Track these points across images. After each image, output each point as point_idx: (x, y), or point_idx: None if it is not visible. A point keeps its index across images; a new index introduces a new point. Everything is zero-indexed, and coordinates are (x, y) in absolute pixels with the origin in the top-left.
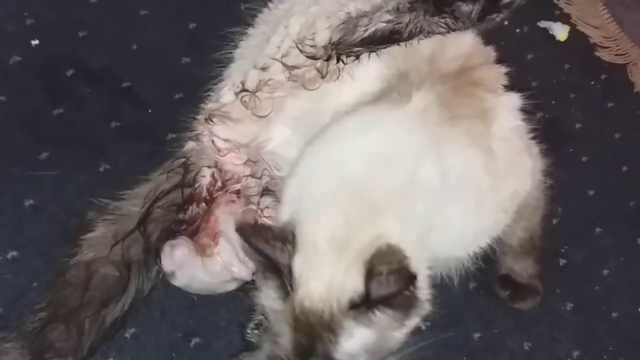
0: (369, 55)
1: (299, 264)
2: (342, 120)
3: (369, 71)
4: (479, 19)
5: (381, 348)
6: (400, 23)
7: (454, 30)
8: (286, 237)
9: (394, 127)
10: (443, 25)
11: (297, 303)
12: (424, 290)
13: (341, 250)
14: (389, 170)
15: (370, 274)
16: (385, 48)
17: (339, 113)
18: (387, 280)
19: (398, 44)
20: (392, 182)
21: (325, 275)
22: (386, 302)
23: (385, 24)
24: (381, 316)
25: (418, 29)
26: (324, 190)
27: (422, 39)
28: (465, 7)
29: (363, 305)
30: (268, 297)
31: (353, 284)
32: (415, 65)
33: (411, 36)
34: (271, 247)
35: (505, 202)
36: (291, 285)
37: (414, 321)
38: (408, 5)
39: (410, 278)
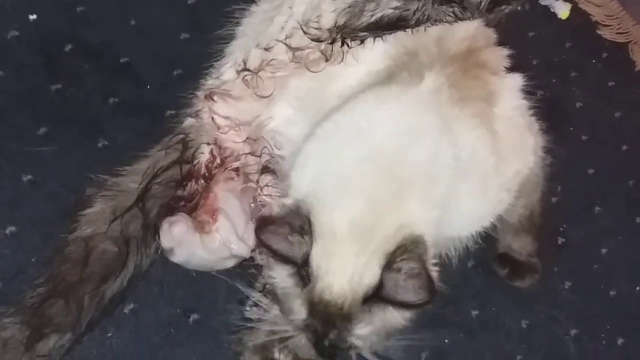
0: (374, 39)
1: (318, 255)
2: (361, 96)
3: (375, 52)
4: (488, 10)
5: (393, 328)
6: (407, 10)
7: (461, 20)
8: (303, 227)
9: (412, 105)
10: (451, 14)
11: (316, 294)
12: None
13: (363, 240)
14: (416, 147)
15: (389, 267)
16: (391, 34)
17: (345, 96)
18: (405, 284)
19: (404, 31)
20: (418, 159)
21: (347, 269)
22: (402, 305)
23: (392, 11)
24: (396, 311)
25: (425, 17)
26: (348, 164)
27: (429, 27)
28: None
29: (377, 299)
30: (281, 279)
31: (371, 277)
32: (424, 44)
33: (418, 24)
34: (290, 244)
35: (509, 182)
36: (309, 277)
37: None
38: None
39: (432, 290)
